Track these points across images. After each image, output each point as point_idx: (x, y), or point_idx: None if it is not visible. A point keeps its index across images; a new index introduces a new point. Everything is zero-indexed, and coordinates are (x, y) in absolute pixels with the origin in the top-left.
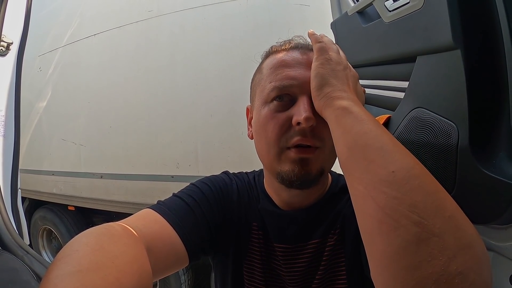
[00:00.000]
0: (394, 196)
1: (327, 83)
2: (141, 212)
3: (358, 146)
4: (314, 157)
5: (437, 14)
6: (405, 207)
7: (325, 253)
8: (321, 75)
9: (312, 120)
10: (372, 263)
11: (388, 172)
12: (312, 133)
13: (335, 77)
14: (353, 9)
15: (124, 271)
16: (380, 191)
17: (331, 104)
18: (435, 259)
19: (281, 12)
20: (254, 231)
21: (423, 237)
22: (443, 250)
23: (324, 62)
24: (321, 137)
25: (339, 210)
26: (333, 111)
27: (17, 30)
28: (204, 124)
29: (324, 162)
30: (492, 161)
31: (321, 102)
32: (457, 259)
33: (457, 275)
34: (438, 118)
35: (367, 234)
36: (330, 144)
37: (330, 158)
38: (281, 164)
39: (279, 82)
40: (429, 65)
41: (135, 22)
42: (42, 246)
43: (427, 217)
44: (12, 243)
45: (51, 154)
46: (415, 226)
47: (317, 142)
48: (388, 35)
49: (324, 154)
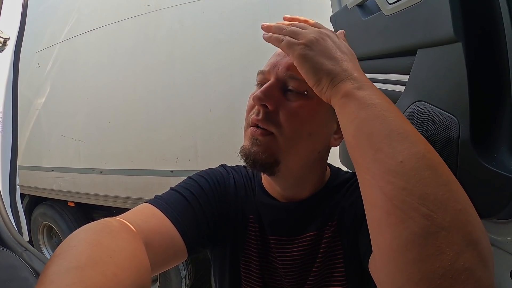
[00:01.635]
0: (403, 187)
1: (323, 73)
2: (139, 206)
3: (364, 134)
4: (264, 141)
5: (438, 7)
6: (414, 198)
7: (322, 245)
8: (312, 68)
9: (261, 100)
10: (378, 254)
11: (396, 162)
12: (267, 116)
13: (326, 58)
14: (353, 2)
15: (122, 266)
16: (388, 181)
17: (335, 93)
18: (442, 254)
19: (280, 6)
20: (251, 224)
21: (431, 230)
22: (451, 244)
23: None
24: (277, 123)
25: (337, 202)
26: (337, 100)
27: (14, 26)
28: (203, 119)
29: (278, 151)
30: (493, 155)
31: (327, 95)
32: (464, 254)
33: (464, 270)
34: (439, 112)
35: (374, 224)
36: (290, 129)
37: (291, 147)
38: (244, 139)
39: (261, 69)
40: (430, 58)
41: (133, 17)
42: (42, 243)
43: (436, 210)
44: (11, 240)
45: (51, 151)
46: (424, 219)
47: (270, 127)
48: (388, 28)
49: (277, 143)
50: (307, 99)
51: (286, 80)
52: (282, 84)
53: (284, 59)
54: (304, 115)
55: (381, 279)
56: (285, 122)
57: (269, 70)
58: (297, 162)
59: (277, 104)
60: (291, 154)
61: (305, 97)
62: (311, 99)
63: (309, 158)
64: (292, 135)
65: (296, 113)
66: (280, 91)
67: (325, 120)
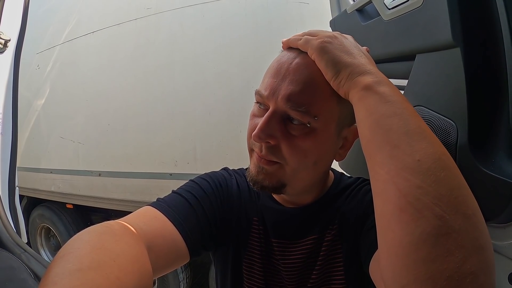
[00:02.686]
0: (419, 186)
1: (341, 66)
2: (141, 209)
3: (382, 129)
4: (271, 170)
5: (437, 12)
6: (429, 198)
7: (322, 249)
8: (331, 60)
9: (261, 139)
10: (385, 252)
11: (414, 160)
12: (270, 150)
13: (344, 53)
14: (352, 7)
15: (125, 270)
16: (404, 178)
17: (354, 85)
18: (451, 256)
19: (280, 10)
20: (255, 226)
21: (443, 231)
22: (460, 247)
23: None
24: (281, 156)
25: (338, 207)
26: (356, 92)
27: (15, 27)
28: (202, 122)
29: (284, 177)
30: (491, 159)
31: (345, 88)
32: (472, 258)
33: (469, 274)
34: (437, 117)
35: (385, 220)
36: (295, 162)
37: (296, 174)
38: (250, 161)
39: (259, 89)
40: (428, 63)
41: (134, 19)
42: (40, 244)
43: (449, 211)
44: (10, 241)
45: (49, 152)
46: (437, 219)
47: (274, 158)
48: (387, 33)
49: (284, 171)
50: (310, 131)
51: (287, 110)
52: (283, 113)
53: (283, 83)
54: (308, 148)
55: (385, 277)
56: (289, 156)
57: (267, 96)
58: (303, 184)
59: (279, 138)
60: (297, 180)
61: (308, 128)
62: (314, 130)
63: (314, 180)
64: (297, 167)
65: (300, 146)
66: (280, 122)
67: (331, 144)
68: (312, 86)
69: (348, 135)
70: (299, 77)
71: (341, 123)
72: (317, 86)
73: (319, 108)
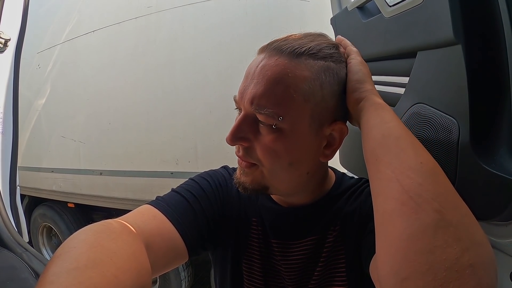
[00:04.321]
0: (420, 183)
1: (368, 81)
2: (140, 208)
3: (393, 135)
4: (250, 171)
5: (438, 9)
6: (429, 194)
7: (324, 249)
8: (363, 73)
9: (232, 142)
10: (385, 245)
11: (417, 162)
12: (246, 151)
13: (370, 81)
14: (353, 4)
15: (123, 268)
16: (407, 176)
17: (371, 98)
18: (449, 247)
19: (281, 8)
20: (254, 227)
21: (441, 224)
22: (458, 240)
23: (361, 62)
24: (256, 157)
25: (340, 208)
26: (372, 103)
27: (15, 27)
28: (203, 120)
29: (264, 179)
30: (493, 157)
31: (362, 95)
32: (470, 251)
33: (468, 267)
34: (439, 114)
35: (386, 215)
36: (269, 163)
37: (274, 175)
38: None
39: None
40: (429, 60)
41: (134, 18)
42: (42, 244)
43: (447, 207)
44: (11, 241)
45: (51, 151)
46: (435, 213)
47: (252, 160)
48: (388, 31)
49: (262, 173)
50: (278, 132)
51: (254, 112)
52: (253, 115)
53: (249, 86)
54: (279, 149)
55: (382, 274)
56: (262, 158)
57: (238, 100)
58: (285, 186)
59: (251, 139)
60: (277, 181)
61: (275, 130)
62: (281, 131)
63: (298, 181)
64: (272, 167)
65: (270, 148)
66: (252, 125)
67: (307, 144)
68: (275, 87)
69: (333, 133)
70: (262, 79)
71: (316, 121)
72: (280, 87)
73: (284, 109)
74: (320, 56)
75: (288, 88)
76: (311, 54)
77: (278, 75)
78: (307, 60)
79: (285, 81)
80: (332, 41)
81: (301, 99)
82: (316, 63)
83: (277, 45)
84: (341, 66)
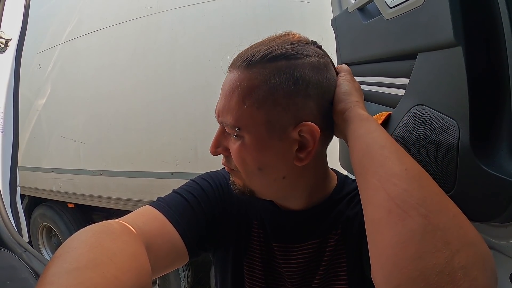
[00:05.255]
0: (405, 189)
1: (354, 94)
2: (141, 209)
3: (377, 144)
4: (233, 177)
5: (438, 11)
6: (414, 199)
7: (326, 253)
8: (350, 87)
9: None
10: (376, 254)
11: (401, 168)
12: (226, 159)
13: (357, 94)
14: (354, 5)
15: (123, 268)
16: (392, 183)
17: (356, 110)
18: (439, 252)
19: (281, 9)
20: (255, 229)
21: (428, 229)
22: (447, 244)
23: (351, 79)
24: (233, 164)
25: (341, 211)
26: (357, 114)
27: (16, 27)
28: (203, 121)
29: (246, 183)
30: (493, 158)
31: (348, 105)
32: (460, 254)
33: (460, 269)
34: (439, 115)
35: (375, 224)
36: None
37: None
38: None
39: None
40: (430, 62)
41: (135, 19)
42: (42, 244)
43: (433, 211)
44: (11, 241)
45: (51, 152)
46: (422, 218)
47: (230, 166)
48: (389, 32)
49: (242, 178)
50: (239, 140)
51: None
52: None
53: (219, 101)
54: (244, 156)
55: (378, 280)
56: (236, 165)
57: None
58: (265, 191)
59: (227, 149)
60: (255, 186)
61: (237, 139)
62: (242, 138)
63: (275, 186)
64: (245, 173)
65: (237, 155)
66: (226, 136)
67: (271, 149)
68: (230, 100)
69: (304, 135)
70: (222, 94)
71: (275, 126)
72: (234, 99)
73: (239, 119)
74: (270, 58)
75: (239, 99)
76: (261, 60)
77: (231, 89)
78: (257, 67)
79: (237, 93)
80: (295, 38)
81: (254, 108)
82: (266, 67)
83: (235, 59)
84: (297, 62)
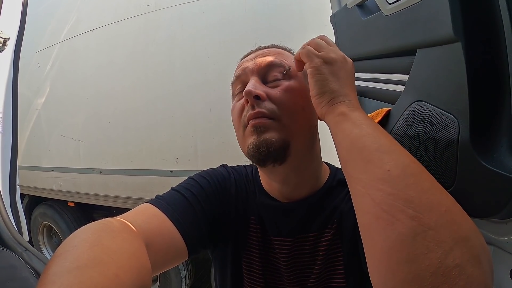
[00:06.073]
0: (390, 193)
1: (327, 90)
2: (140, 207)
3: (356, 148)
4: (270, 125)
5: (438, 7)
6: (400, 202)
7: (322, 247)
8: (320, 82)
9: (252, 92)
10: (370, 259)
11: (384, 170)
12: (261, 104)
13: (335, 79)
14: (353, 2)
15: (123, 266)
16: (377, 188)
17: (331, 111)
18: (431, 252)
19: (280, 6)
20: (252, 225)
21: (419, 230)
22: (440, 243)
23: (319, 66)
24: (273, 108)
25: (337, 205)
26: (333, 117)
27: (14, 26)
28: (203, 118)
29: (283, 131)
30: (493, 154)
31: (323, 110)
32: (453, 251)
33: (454, 267)
34: (438, 111)
35: (365, 230)
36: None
37: (291, 127)
38: (246, 140)
39: (235, 75)
40: (429, 58)
41: (133, 16)
42: (42, 243)
43: (422, 211)
44: (11, 240)
45: (50, 150)
46: (411, 220)
47: (266, 110)
48: (388, 28)
49: (281, 123)
50: (290, 79)
51: (266, 72)
52: (262, 78)
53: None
54: (293, 94)
55: (374, 282)
56: (280, 105)
57: (246, 72)
58: (302, 139)
59: (266, 92)
60: (295, 130)
61: (287, 78)
62: (293, 78)
63: (310, 133)
64: (290, 113)
65: (285, 93)
66: (262, 82)
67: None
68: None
69: None
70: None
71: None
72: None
73: (289, 62)
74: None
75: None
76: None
77: (274, 49)
78: None
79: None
80: None
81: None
82: None
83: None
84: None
